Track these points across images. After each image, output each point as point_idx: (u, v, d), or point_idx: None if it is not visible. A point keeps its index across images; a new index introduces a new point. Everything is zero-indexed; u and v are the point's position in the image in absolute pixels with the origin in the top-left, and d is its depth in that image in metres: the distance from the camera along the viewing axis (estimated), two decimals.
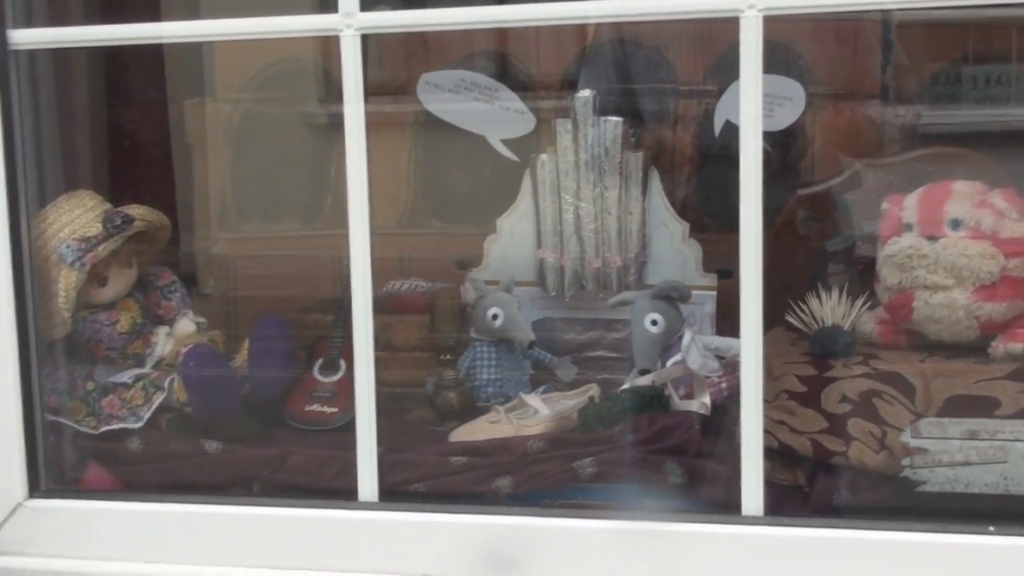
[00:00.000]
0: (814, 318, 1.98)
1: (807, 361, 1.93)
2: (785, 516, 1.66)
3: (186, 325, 2.09)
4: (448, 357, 2.12)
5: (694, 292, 2.16)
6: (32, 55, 1.86)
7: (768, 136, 1.66)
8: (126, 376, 2.00)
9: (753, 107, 1.63)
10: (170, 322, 2.09)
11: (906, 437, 1.69)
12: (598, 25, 2.48)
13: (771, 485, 1.69)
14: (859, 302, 1.96)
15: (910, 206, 1.93)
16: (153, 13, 2.22)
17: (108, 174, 2.24)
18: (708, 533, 1.64)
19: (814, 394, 1.84)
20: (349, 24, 1.69)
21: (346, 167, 1.74)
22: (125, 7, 2.17)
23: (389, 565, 1.72)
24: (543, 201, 2.21)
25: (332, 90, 2.75)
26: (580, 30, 2.53)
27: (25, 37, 1.81)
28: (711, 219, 2.35)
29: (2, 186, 1.79)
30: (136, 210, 2.00)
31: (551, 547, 1.67)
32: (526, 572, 1.68)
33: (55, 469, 1.92)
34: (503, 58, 2.70)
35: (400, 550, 1.72)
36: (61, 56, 2.02)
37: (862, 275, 2.08)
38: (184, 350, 1.98)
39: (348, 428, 1.89)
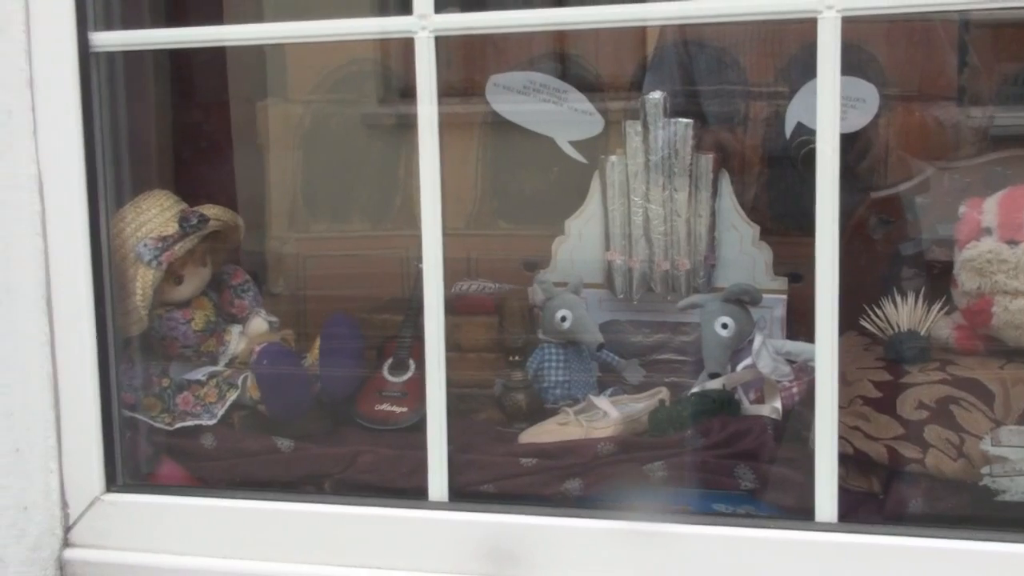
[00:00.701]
0: (889, 323, 1.95)
1: (882, 366, 1.90)
2: (859, 523, 1.64)
3: (259, 324, 2.12)
4: (516, 359, 2.12)
5: (764, 295, 2.14)
6: (111, 57, 1.89)
7: (841, 138, 1.64)
8: (200, 373, 2.03)
9: (831, 109, 1.62)
10: (243, 320, 2.12)
11: (986, 445, 1.66)
12: (666, 26, 2.47)
13: (845, 491, 1.67)
14: (935, 307, 1.93)
15: (989, 210, 1.89)
16: (225, 16, 2.25)
17: (183, 174, 2.27)
18: (781, 539, 1.63)
19: (889, 400, 1.81)
20: (424, 26, 1.70)
21: (415, 167, 1.74)
22: (198, 10, 2.20)
23: (458, 565, 1.72)
24: (612, 203, 2.20)
25: (402, 91, 2.78)
26: (649, 31, 2.52)
27: (105, 40, 1.84)
28: (781, 221, 2.32)
29: (82, 186, 1.83)
30: (211, 210, 2.03)
31: (622, 549, 1.67)
32: None
33: (131, 464, 1.95)
34: (571, 59, 2.70)
35: (469, 550, 1.73)
36: (137, 57, 2.06)
37: (937, 279, 2.04)
38: (258, 348, 2.01)
39: (417, 428, 1.90)
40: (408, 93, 1.72)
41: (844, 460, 1.69)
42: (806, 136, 2.14)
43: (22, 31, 1.80)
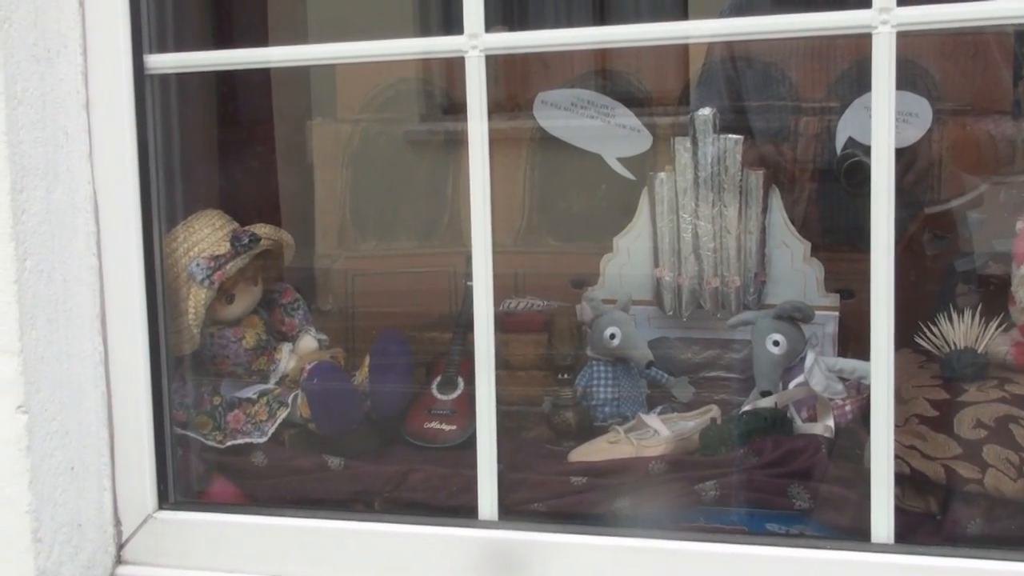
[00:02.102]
0: (945, 340, 1.92)
1: (938, 384, 1.87)
2: (917, 544, 1.61)
3: (308, 342, 2.13)
4: (565, 376, 2.12)
5: (816, 312, 2.11)
6: (164, 78, 1.92)
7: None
8: (251, 391, 2.04)
9: (886, 126, 1.59)
10: (293, 339, 2.14)
11: None
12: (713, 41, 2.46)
13: (901, 512, 1.64)
14: (992, 324, 1.90)
15: None
16: (274, 35, 2.28)
17: (234, 193, 2.29)
18: (837, 560, 1.60)
19: (946, 419, 1.78)
20: (474, 45, 1.70)
21: (463, 185, 1.75)
22: (248, 30, 2.23)
23: None
24: (661, 220, 2.19)
25: (449, 108, 2.79)
26: (698, 46, 2.51)
27: (160, 62, 1.87)
28: (832, 237, 2.30)
29: (137, 207, 1.85)
30: (262, 229, 2.05)
31: (676, 570, 1.65)
32: None
33: (183, 482, 1.96)
34: (618, 75, 2.70)
35: (521, 569, 1.72)
36: (188, 77, 2.08)
37: (994, 296, 2.01)
38: (308, 367, 2.02)
39: (466, 446, 1.90)
40: (454, 110, 1.73)
41: (900, 480, 1.66)
42: (850, 149, 2.13)
43: (79, 53, 1.83)
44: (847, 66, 2.34)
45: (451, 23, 1.70)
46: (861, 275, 1.65)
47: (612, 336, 2.14)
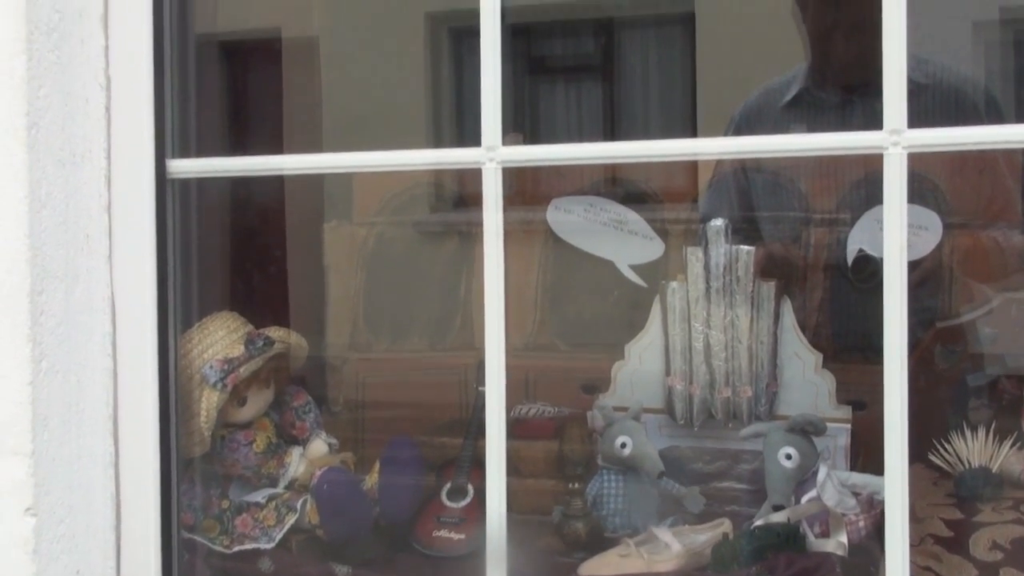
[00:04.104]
0: (958, 457, 1.91)
1: (952, 503, 1.86)
2: None
3: (319, 446, 2.12)
4: (576, 486, 2.10)
5: (828, 424, 2.10)
6: (184, 181, 1.95)
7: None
8: (260, 496, 2.03)
9: (898, 242, 1.61)
10: (303, 442, 2.13)
11: None
12: None
13: None
14: (1007, 442, 1.89)
15: None
16: (291, 138, 2.32)
17: (249, 294, 2.31)
18: None
19: (962, 539, 1.76)
20: (491, 158, 1.73)
21: (475, 288, 1.76)
22: (267, 136, 2.27)
23: None
24: (672, 328, 2.20)
25: (461, 202, 2.82)
26: None
27: (182, 167, 1.90)
28: (843, 348, 2.30)
29: (154, 309, 1.86)
30: (276, 332, 2.06)
31: None
32: None
33: None
34: (630, 183, 2.74)
35: None
36: (208, 180, 2.11)
37: (1007, 411, 2.01)
38: (318, 472, 2.01)
39: (475, 555, 1.87)
40: (466, 202, 1.74)
41: None
42: (858, 245, 2.15)
43: (103, 157, 1.87)
44: (858, 178, 2.37)
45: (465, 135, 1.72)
46: (873, 387, 1.65)
47: (623, 445, 2.13)
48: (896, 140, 1.60)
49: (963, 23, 3.76)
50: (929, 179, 2.30)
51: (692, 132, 5.05)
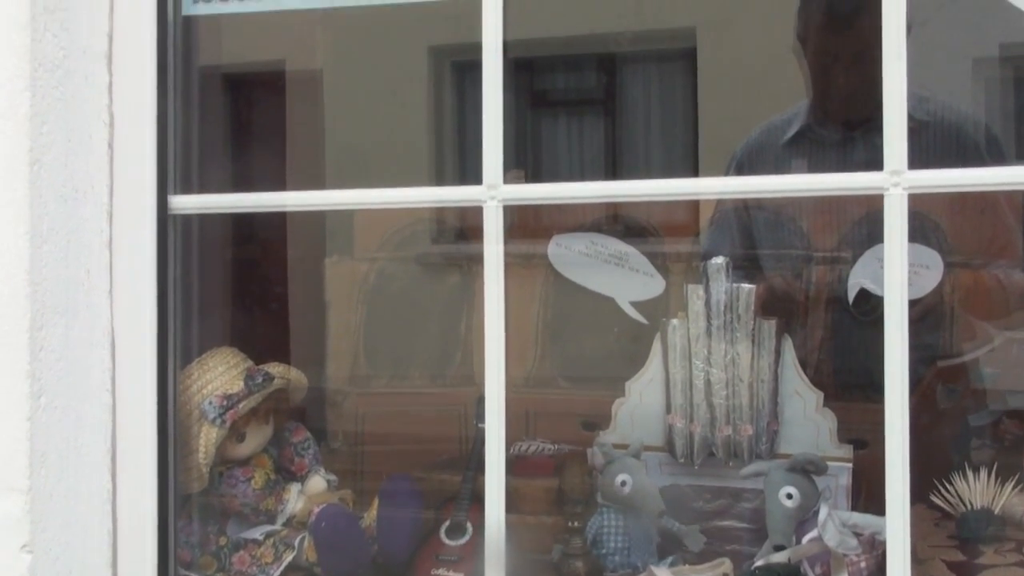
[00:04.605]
0: (960, 499, 1.89)
1: (954, 545, 1.84)
2: None
3: (317, 482, 2.11)
4: (575, 524, 2.09)
5: (829, 463, 2.09)
6: (186, 217, 1.95)
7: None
8: (257, 532, 2.02)
9: (899, 281, 1.62)
10: (302, 479, 2.12)
11: None
12: None
13: None
14: (1008, 483, 1.88)
15: None
16: (292, 176, 2.32)
17: (250, 329, 2.31)
18: None
19: None
20: (493, 196, 1.74)
21: (475, 324, 1.76)
22: (267, 170, 2.27)
23: None
24: (673, 365, 2.19)
25: (463, 234, 2.82)
26: None
27: (184, 203, 1.91)
28: (844, 386, 2.30)
29: (153, 344, 1.86)
30: (276, 368, 2.06)
31: None
32: None
33: None
34: (631, 220, 2.74)
35: None
36: (209, 216, 2.12)
37: (1009, 452, 2.00)
38: (317, 509, 2.00)
39: None
40: (467, 234, 1.74)
41: None
42: (859, 279, 2.15)
43: (105, 193, 1.87)
44: (859, 215, 2.38)
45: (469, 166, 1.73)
46: (874, 425, 1.64)
47: (623, 484, 2.12)
48: (897, 181, 1.61)
49: (963, 60, 3.77)
50: (930, 217, 2.30)
51: (694, 166, 5.07)
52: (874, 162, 1.65)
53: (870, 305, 2.12)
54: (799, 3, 2.56)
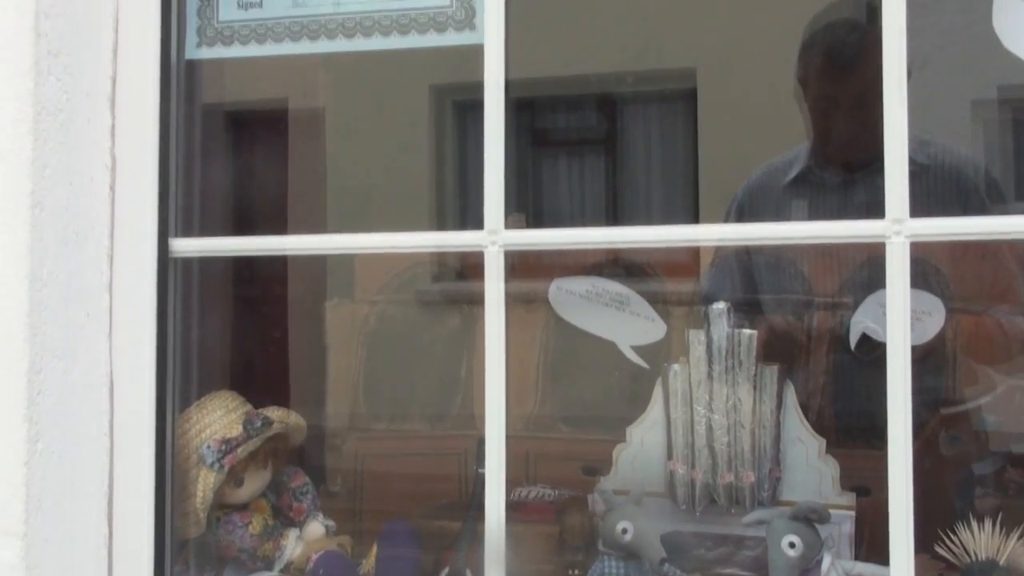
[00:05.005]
0: (964, 549, 1.87)
1: None
2: None
3: (316, 528, 2.09)
4: (576, 572, 2.07)
5: (831, 511, 2.07)
6: (187, 260, 1.95)
7: None
8: None
9: (901, 329, 1.61)
10: (300, 524, 2.10)
11: None
12: None
13: None
14: (1014, 534, 1.86)
15: None
16: (294, 216, 2.32)
17: (249, 373, 2.30)
18: None
19: None
20: (494, 241, 1.73)
21: (475, 368, 1.75)
22: (269, 210, 2.27)
23: None
24: (675, 411, 2.18)
25: (463, 273, 2.82)
26: None
27: (185, 246, 1.90)
28: (846, 433, 2.28)
29: (152, 387, 1.85)
30: (275, 412, 2.04)
31: None
32: None
33: None
34: (633, 264, 2.74)
35: None
36: (210, 259, 2.12)
37: (1014, 500, 1.98)
38: (315, 556, 1.98)
39: None
40: (467, 274, 1.74)
41: None
42: (860, 319, 2.14)
43: (106, 236, 1.87)
44: (860, 260, 2.37)
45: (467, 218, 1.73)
46: (877, 472, 1.63)
47: (624, 531, 2.10)
48: (899, 229, 1.60)
49: (962, 102, 3.79)
50: (931, 263, 2.30)
51: (694, 206, 5.08)
52: (875, 204, 1.65)
53: (870, 347, 2.11)
54: (800, 47, 2.58)
